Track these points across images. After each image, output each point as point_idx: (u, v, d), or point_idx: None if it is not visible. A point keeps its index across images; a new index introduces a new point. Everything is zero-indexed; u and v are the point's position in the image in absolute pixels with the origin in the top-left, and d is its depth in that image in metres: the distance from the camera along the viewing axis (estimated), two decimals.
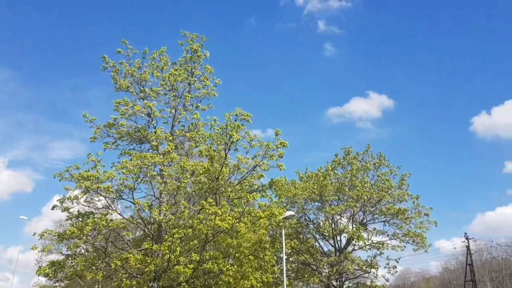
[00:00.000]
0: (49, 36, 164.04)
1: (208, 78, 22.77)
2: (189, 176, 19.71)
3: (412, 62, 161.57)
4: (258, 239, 21.81)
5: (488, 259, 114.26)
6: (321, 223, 33.20)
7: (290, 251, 33.73)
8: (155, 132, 21.03)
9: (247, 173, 20.48)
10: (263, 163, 20.14)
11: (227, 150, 19.66)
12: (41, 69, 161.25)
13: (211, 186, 20.04)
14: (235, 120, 19.13)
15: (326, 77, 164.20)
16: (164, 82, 22.13)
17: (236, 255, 21.34)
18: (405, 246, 31.58)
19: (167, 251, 17.82)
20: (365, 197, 30.19)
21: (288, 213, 24.96)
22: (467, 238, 78.52)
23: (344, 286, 34.39)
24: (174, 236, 18.56)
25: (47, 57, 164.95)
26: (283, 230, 26.00)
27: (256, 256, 21.91)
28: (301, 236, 34.61)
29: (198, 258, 18.47)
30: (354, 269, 31.55)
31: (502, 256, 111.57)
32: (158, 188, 19.58)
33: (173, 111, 22.09)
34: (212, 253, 19.63)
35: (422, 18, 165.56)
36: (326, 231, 32.42)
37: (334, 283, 33.41)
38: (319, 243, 34.83)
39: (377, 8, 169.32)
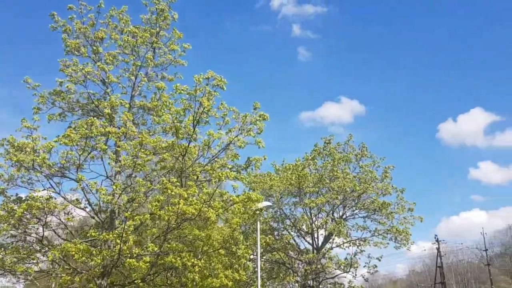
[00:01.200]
0: None
1: (175, 42, 19.02)
2: (149, 153, 15.94)
3: (384, 68, 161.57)
4: (230, 231, 18.30)
5: (454, 262, 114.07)
6: (299, 218, 29.84)
7: (263, 250, 30.33)
8: (109, 99, 17.08)
9: (219, 151, 16.86)
10: (239, 140, 16.58)
11: (195, 123, 15.98)
12: None
13: (175, 165, 16.35)
14: (207, 85, 15.50)
15: (299, 81, 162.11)
16: (122, 43, 18.24)
17: (204, 248, 17.71)
18: (388, 243, 28.56)
19: (118, 241, 14.02)
20: (348, 189, 26.97)
21: (264, 203, 21.56)
22: (437, 241, 77.01)
23: (321, 286, 31.15)
24: (128, 222, 14.86)
25: None
26: (258, 223, 22.50)
27: (227, 250, 18.36)
28: (276, 232, 31.20)
29: (156, 249, 14.72)
30: (333, 268, 28.30)
31: (468, 259, 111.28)
32: (109, 164, 15.74)
33: (133, 78, 18.22)
34: (175, 245, 15.90)
35: (395, 26, 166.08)
36: (304, 226, 29.03)
37: (310, 283, 30.12)
38: (295, 240, 31.45)
39: (351, 14, 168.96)
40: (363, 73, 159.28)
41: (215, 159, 16.70)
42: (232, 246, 17.97)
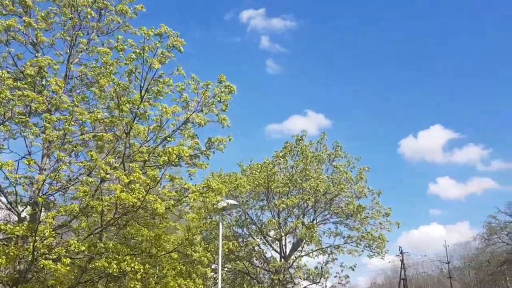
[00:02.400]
0: None
1: (126, 4, 15.36)
2: (82, 128, 12.26)
3: (349, 84, 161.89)
4: (185, 230, 14.69)
5: (415, 275, 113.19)
6: (266, 223, 26.49)
7: (225, 258, 26.70)
8: (36, 61, 13.19)
9: (173, 130, 13.33)
10: (198, 117, 13.13)
11: (143, 91, 12.42)
12: None
13: (115, 146, 12.72)
14: (159, 42, 12.00)
15: (267, 94, 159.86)
16: (59, 1, 14.47)
17: (153, 251, 14.04)
18: (362, 251, 25.53)
19: (30, 234, 10.24)
20: (321, 190, 23.82)
21: (229, 201, 18.09)
22: (401, 253, 75.07)
23: None
24: (49, 213, 11.12)
25: None
26: (220, 225, 18.91)
27: (181, 253, 14.70)
28: (240, 239, 27.67)
29: (84, 249, 10.97)
30: (303, 278, 24.97)
31: (428, 272, 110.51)
32: (26, 136, 11.90)
33: (69, 39, 14.39)
34: (112, 245, 12.16)
35: (362, 43, 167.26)
36: (272, 232, 25.63)
37: None
38: (260, 248, 27.93)
39: (320, 29, 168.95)
40: (330, 88, 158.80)
41: (168, 139, 13.15)
42: (187, 248, 14.33)
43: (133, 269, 11.67)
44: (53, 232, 11.08)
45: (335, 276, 26.75)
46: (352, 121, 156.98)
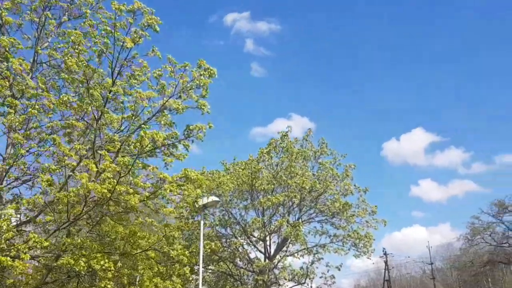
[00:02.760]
0: None
1: None
2: (48, 114, 11.11)
3: (333, 87, 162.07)
4: (163, 226, 13.60)
5: (398, 276, 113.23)
6: (249, 223, 25.47)
7: (207, 259, 25.60)
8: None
9: (149, 118, 12.25)
10: (175, 103, 12.07)
11: (115, 73, 11.35)
12: None
13: (86, 133, 11.59)
14: (131, 18, 10.95)
15: (252, 97, 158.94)
16: None
17: (127, 249, 12.92)
18: (349, 250, 24.67)
19: None
20: (307, 187, 22.90)
21: (211, 197, 17.07)
22: (385, 254, 74.77)
23: None
24: (10, 206, 9.95)
25: None
26: (202, 223, 17.83)
27: (159, 252, 13.58)
28: (223, 240, 26.58)
29: (46, 244, 9.79)
30: (285, 278, 23.96)
31: (411, 273, 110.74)
32: None
33: (37, 20, 13.22)
34: (80, 240, 11.01)
35: (347, 45, 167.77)
36: (256, 232, 24.60)
37: None
38: (244, 248, 26.85)
39: (304, 33, 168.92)
40: (314, 91, 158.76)
41: (143, 126, 12.06)
42: (164, 246, 13.23)
43: (103, 267, 10.53)
44: (13, 227, 9.91)
45: (321, 277, 25.88)
46: (336, 125, 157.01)
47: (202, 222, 17.46)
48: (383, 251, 74.15)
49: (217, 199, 17.75)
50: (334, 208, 23.25)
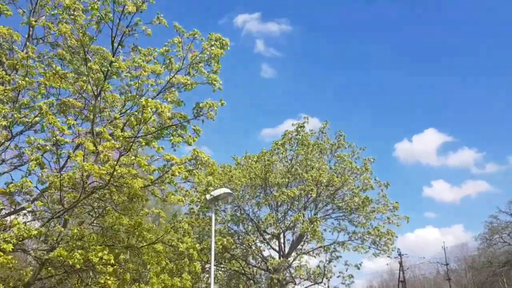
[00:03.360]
0: None
1: None
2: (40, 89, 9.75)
3: (344, 88, 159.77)
4: (171, 219, 12.18)
5: (411, 277, 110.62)
6: (263, 220, 23.99)
7: (219, 256, 24.16)
8: None
9: (154, 96, 10.83)
10: (184, 78, 10.66)
11: (116, 42, 9.97)
12: None
13: (84, 111, 10.21)
14: None
15: (262, 98, 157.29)
16: None
17: (132, 242, 11.53)
18: (369, 248, 23.01)
19: None
20: (324, 180, 21.31)
21: (223, 189, 15.61)
22: (400, 255, 72.63)
23: None
24: None
25: None
26: (213, 216, 16.36)
27: (167, 245, 12.16)
28: (236, 237, 25.10)
29: (35, 233, 8.40)
30: (302, 277, 22.37)
31: (425, 274, 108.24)
32: None
33: None
34: (77, 230, 9.63)
35: (355, 47, 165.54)
36: (271, 227, 23.04)
37: None
38: (257, 245, 25.30)
39: (314, 33, 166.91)
40: (325, 92, 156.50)
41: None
42: (172, 239, 11.80)
43: (102, 260, 9.13)
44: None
45: (338, 276, 24.26)
46: (347, 125, 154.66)
47: (213, 216, 15.99)
48: (397, 251, 72.05)
49: (229, 190, 16.26)
50: (353, 204, 21.61)
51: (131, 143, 8.83)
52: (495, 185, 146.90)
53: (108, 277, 9.47)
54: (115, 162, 8.60)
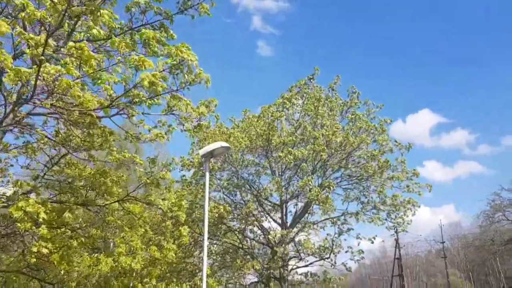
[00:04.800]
0: None
1: None
2: None
3: (340, 67, 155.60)
4: (149, 160, 8.49)
5: (403, 255, 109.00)
6: (264, 186, 20.51)
7: (213, 229, 20.73)
8: None
9: None
10: None
11: None
12: None
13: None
14: None
15: (258, 76, 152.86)
16: None
17: (91, 197, 7.93)
18: (385, 219, 19.64)
19: None
20: (338, 140, 17.72)
21: (218, 143, 11.96)
22: (396, 232, 70.00)
23: (289, 278, 21.96)
24: None
25: None
26: (207, 172, 12.69)
27: (141, 202, 8.57)
28: (233, 206, 21.59)
29: None
30: (310, 251, 18.95)
31: (417, 252, 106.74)
32: None
33: None
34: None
35: (355, 25, 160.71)
36: (272, 196, 19.52)
37: (277, 273, 20.87)
38: (256, 216, 21.80)
39: (313, 10, 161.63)
40: (321, 71, 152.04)
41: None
42: (150, 196, 8.21)
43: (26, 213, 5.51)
44: None
45: (346, 251, 20.95)
46: None
47: (207, 175, 12.33)
48: (394, 229, 69.54)
49: (226, 144, 12.58)
50: (371, 168, 18.04)
51: (62, 15, 5.10)
52: (487, 166, 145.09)
53: (42, 243, 5.90)
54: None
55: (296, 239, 20.81)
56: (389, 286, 71.51)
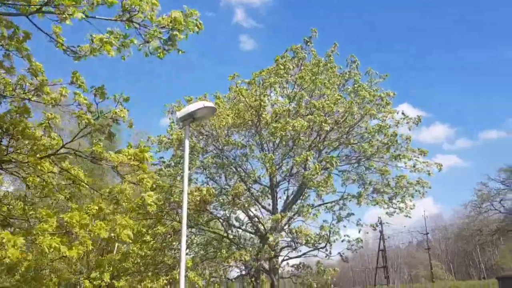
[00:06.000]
0: None
1: None
2: None
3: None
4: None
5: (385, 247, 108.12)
6: (251, 170, 17.74)
7: (195, 215, 17.89)
8: None
9: None
10: None
11: None
12: None
13: None
14: None
15: (240, 70, 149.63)
16: None
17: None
18: (390, 201, 17.04)
19: None
20: (341, 110, 15.01)
21: (200, 103, 9.06)
22: (381, 223, 68.42)
23: (281, 269, 19.30)
24: None
25: None
26: (186, 141, 9.77)
27: (93, 156, 5.65)
28: (217, 191, 18.66)
29: None
30: (309, 238, 16.21)
31: (398, 244, 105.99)
32: None
33: None
34: None
35: (335, 20, 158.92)
36: (260, 179, 16.70)
37: (267, 265, 18.19)
38: (243, 200, 18.89)
39: (296, 5, 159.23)
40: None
41: None
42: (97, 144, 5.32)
43: None
44: None
45: (343, 240, 18.38)
46: None
47: (187, 142, 9.36)
48: (378, 220, 67.89)
49: (211, 104, 9.64)
50: (379, 143, 15.36)
51: None
52: (465, 160, 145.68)
53: None
54: None
55: (291, 226, 18.15)
56: (374, 277, 70.00)
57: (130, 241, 5.39)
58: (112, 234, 5.12)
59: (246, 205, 16.56)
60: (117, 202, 5.57)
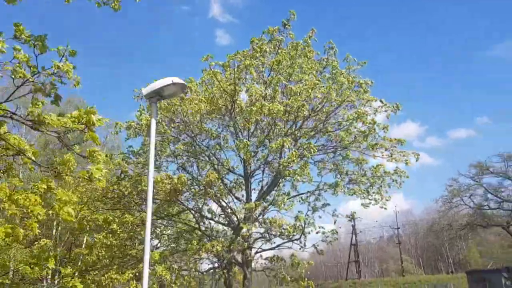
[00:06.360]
0: None
1: None
2: None
3: None
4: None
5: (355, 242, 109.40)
6: (224, 160, 16.95)
7: (165, 204, 17.03)
8: None
9: None
10: None
11: None
12: None
13: None
14: None
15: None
16: None
17: None
18: (367, 191, 16.59)
19: None
20: (319, 95, 14.40)
21: (167, 80, 8.19)
22: (353, 218, 68.87)
23: (253, 263, 18.61)
24: None
25: None
26: (155, 110, 8.84)
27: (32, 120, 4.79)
28: (189, 181, 17.76)
29: None
30: (287, 228, 15.55)
31: (369, 239, 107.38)
32: None
33: None
34: None
35: (315, 16, 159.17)
36: (235, 166, 15.94)
37: (240, 258, 17.51)
38: (215, 189, 18.08)
39: (271, 1, 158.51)
40: None
41: None
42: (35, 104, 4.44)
43: None
44: None
45: (317, 232, 17.81)
46: None
47: (153, 119, 8.46)
48: (351, 214, 68.31)
49: (180, 80, 8.75)
50: (356, 131, 14.86)
51: None
52: (435, 157, 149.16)
53: None
54: None
55: (265, 216, 17.48)
56: (345, 272, 70.56)
57: (73, 219, 4.54)
58: (50, 212, 4.27)
59: (219, 195, 15.76)
60: (59, 174, 4.70)
